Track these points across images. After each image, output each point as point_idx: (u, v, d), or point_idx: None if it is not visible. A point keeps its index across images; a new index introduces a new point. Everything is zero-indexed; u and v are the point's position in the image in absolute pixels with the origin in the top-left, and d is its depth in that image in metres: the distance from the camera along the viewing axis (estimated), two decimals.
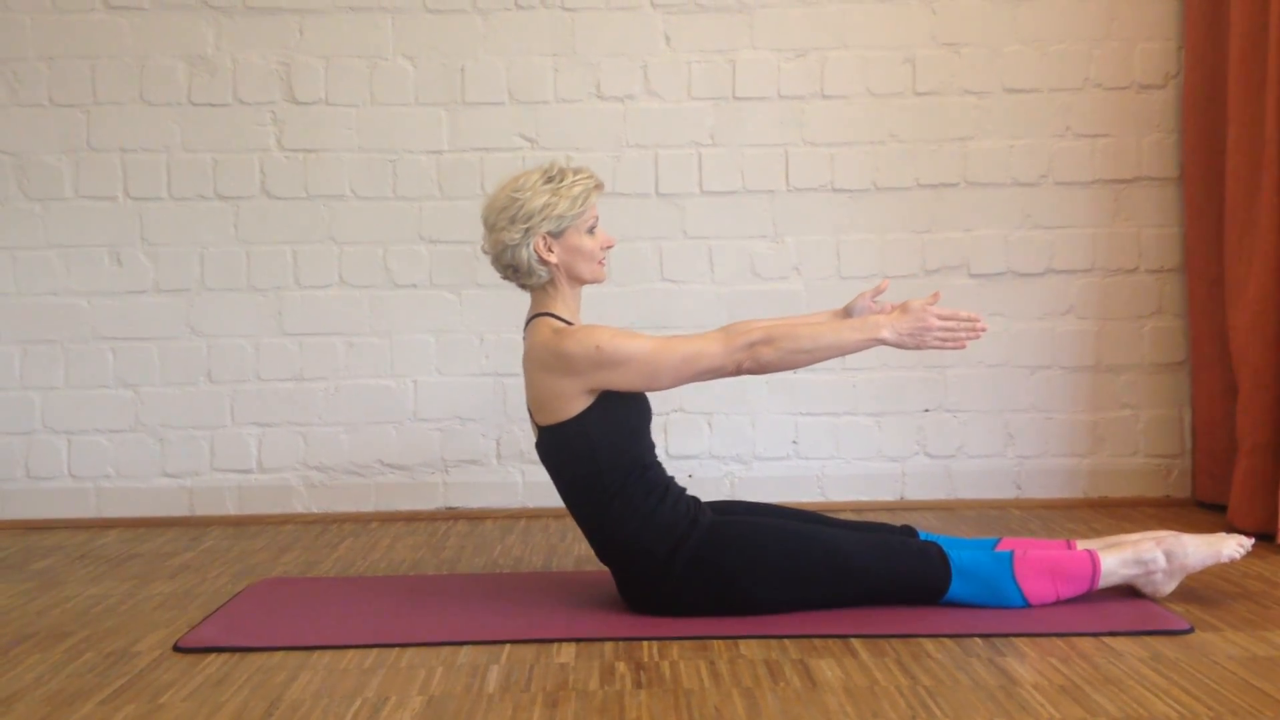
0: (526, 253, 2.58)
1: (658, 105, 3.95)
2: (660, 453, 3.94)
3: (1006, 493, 3.99)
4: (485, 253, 2.66)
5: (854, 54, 3.95)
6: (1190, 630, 2.46)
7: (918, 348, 2.61)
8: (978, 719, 2.00)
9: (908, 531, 2.77)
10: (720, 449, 3.98)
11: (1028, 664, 2.27)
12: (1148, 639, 2.41)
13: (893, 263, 3.96)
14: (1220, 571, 2.95)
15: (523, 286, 2.68)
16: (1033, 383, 3.99)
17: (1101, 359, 3.99)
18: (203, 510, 3.95)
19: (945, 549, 2.63)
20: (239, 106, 3.92)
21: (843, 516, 3.18)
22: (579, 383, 2.53)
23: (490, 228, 2.62)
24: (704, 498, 2.77)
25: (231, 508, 3.96)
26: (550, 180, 2.61)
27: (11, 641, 2.55)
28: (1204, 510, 3.83)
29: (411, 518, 3.91)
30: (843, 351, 2.60)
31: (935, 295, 2.68)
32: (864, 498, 3.99)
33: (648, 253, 3.96)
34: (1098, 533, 3.43)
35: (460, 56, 3.93)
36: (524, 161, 3.92)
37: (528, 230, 2.57)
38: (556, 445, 2.61)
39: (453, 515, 3.93)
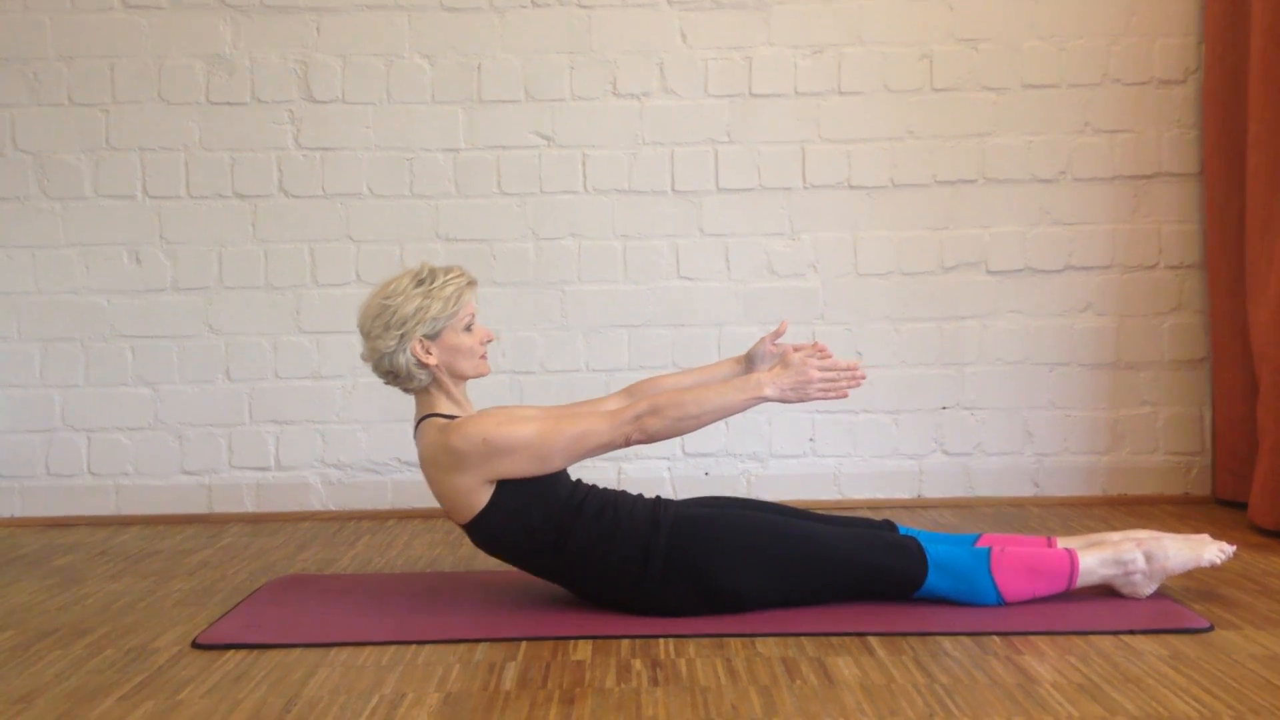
0: (404, 358, 2.59)
1: (674, 102, 3.95)
2: (676, 450, 3.98)
3: (1025, 490, 3.98)
4: (364, 360, 2.67)
5: (871, 50, 3.94)
6: (1210, 629, 2.44)
7: (801, 400, 2.60)
8: (996, 717, 1.99)
9: (887, 526, 2.76)
10: (737, 447, 3.97)
11: (1046, 662, 2.26)
12: (1167, 637, 2.39)
13: (910, 260, 3.95)
14: (1241, 569, 2.93)
15: (405, 390, 2.67)
16: (1051, 380, 3.97)
17: (1121, 356, 3.97)
18: (221, 508, 3.97)
19: (923, 543, 2.62)
20: (256, 105, 3.94)
21: (860, 515, 3.17)
22: (475, 475, 2.53)
23: (366, 335, 2.63)
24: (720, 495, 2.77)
25: (250, 505, 3.97)
26: (421, 283, 2.62)
27: (32, 638, 2.57)
28: (1224, 508, 3.80)
29: (429, 515, 3.92)
30: (729, 413, 2.59)
31: (816, 345, 2.66)
32: (881, 495, 3.98)
33: (664, 250, 3.96)
34: (1116, 530, 3.40)
35: (477, 54, 3.94)
36: (541, 159, 3.93)
37: (403, 335, 2.58)
38: (486, 535, 2.62)
39: None
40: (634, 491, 2.75)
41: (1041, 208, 3.95)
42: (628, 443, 2.58)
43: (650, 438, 2.58)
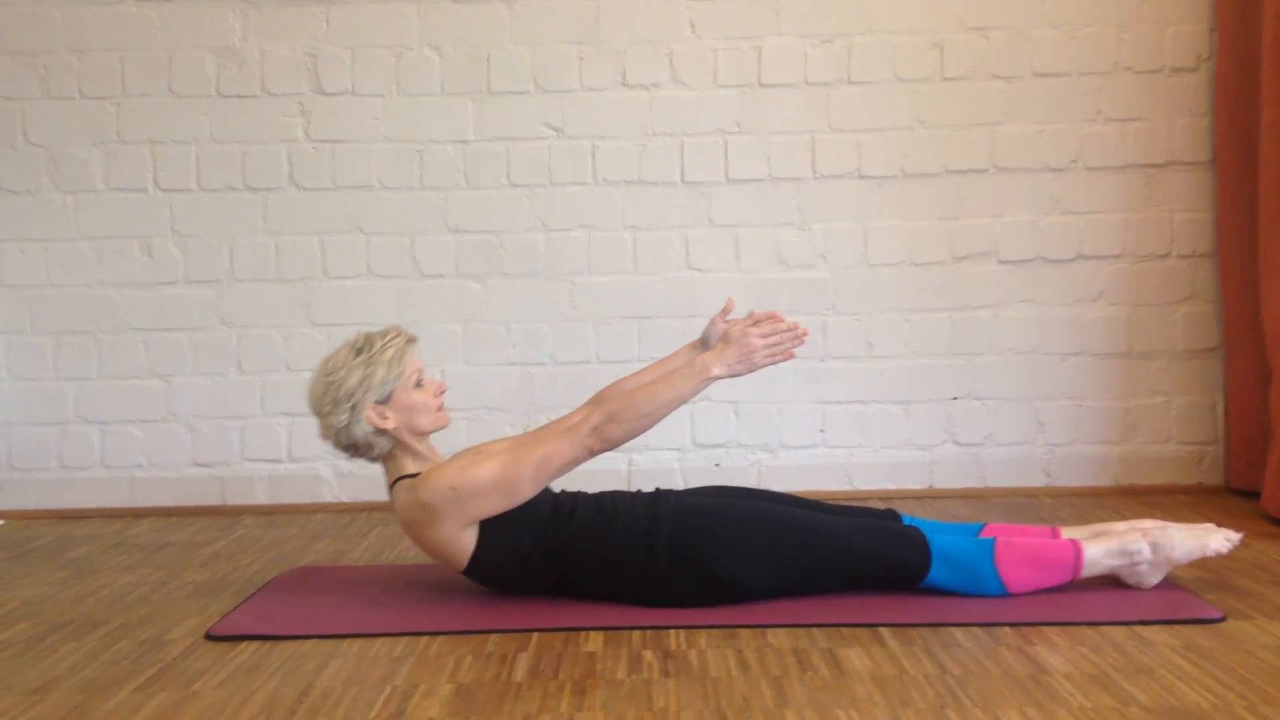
0: (360, 428, 2.60)
1: (683, 93, 3.94)
2: (687, 441, 3.98)
3: (1036, 480, 3.97)
4: (323, 439, 2.66)
5: (881, 39, 3.92)
6: (1223, 619, 2.44)
7: (750, 370, 2.63)
8: (1007, 708, 1.99)
9: (891, 515, 2.76)
10: (747, 438, 3.97)
11: (1058, 653, 2.26)
12: (1179, 628, 2.39)
13: (921, 249, 3.94)
14: (1253, 559, 2.92)
15: (370, 460, 2.69)
16: (1063, 369, 3.96)
17: (1133, 345, 3.95)
18: (234, 499, 3.99)
19: (926, 534, 2.62)
20: (267, 98, 3.94)
21: (870, 505, 3.17)
22: (452, 523, 2.54)
23: (319, 415, 2.63)
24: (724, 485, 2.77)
25: (262, 497, 3.99)
26: (359, 352, 2.62)
27: (47, 630, 2.58)
28: (1237, 497, 3.79)
29: None
30: (682, 401, 2.60)
31: (752, 314, 2.67)
32: (891, 486, 3.97)
33: (674, 241, 3.95)
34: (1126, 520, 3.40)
35: (486, 46, 3.93)
36: (550, 150, 3.93)
37: (354, 407, 2.58)
38: (487, 575, 2.64)
39: None
40: (643, 483, 2.76)
41: (1053, 197, 3.94)
42: (592, 454, 2.59)
43: (613, 444, 2.58)
